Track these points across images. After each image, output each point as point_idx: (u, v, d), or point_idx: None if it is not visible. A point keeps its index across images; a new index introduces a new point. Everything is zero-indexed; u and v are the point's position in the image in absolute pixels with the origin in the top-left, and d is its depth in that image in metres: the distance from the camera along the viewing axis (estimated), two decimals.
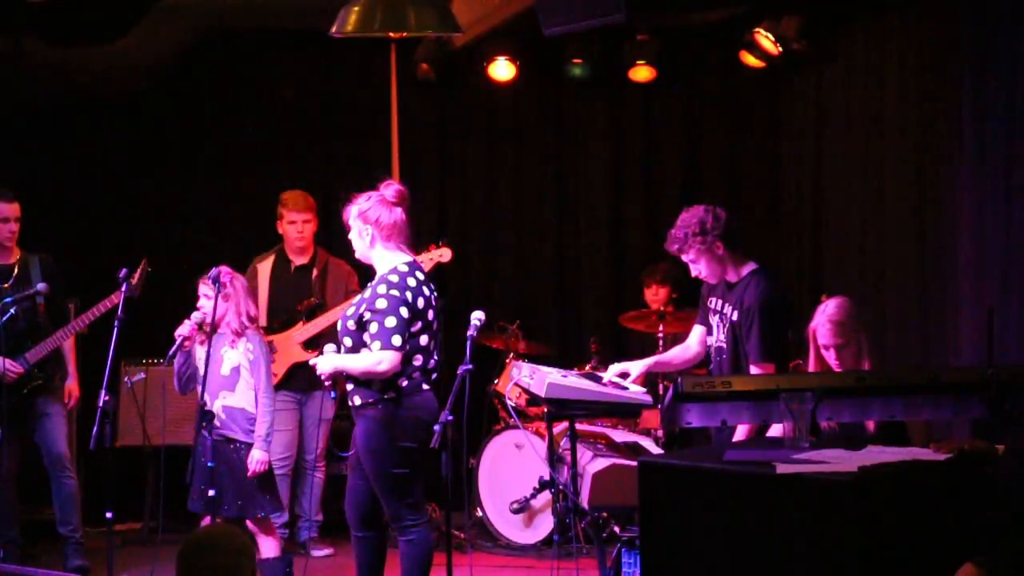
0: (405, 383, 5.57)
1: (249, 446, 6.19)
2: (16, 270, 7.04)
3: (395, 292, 5.52)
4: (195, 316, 6.25)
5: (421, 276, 5.66)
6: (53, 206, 8.33)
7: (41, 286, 6.85)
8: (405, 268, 5.63)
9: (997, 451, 4.33)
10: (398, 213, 5.69)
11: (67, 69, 8.01)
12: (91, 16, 7.13)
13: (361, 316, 5.55)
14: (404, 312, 5.51)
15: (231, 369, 6.22)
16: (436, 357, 5.71)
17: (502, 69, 8.86)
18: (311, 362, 5.79)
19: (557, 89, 9.10)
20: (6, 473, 6.93)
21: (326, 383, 5.70)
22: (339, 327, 5.71)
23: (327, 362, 5.66)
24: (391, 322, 5.48)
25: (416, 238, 8.44)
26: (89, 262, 7.98)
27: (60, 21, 7.04)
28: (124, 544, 7.73)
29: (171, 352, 6.25)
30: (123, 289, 6.28)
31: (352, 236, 5.73)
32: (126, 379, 7.92)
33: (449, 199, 9.23)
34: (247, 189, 8.95)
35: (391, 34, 6.94)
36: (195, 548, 3.49)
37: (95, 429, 5.94)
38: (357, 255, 5.80)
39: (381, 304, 5.50)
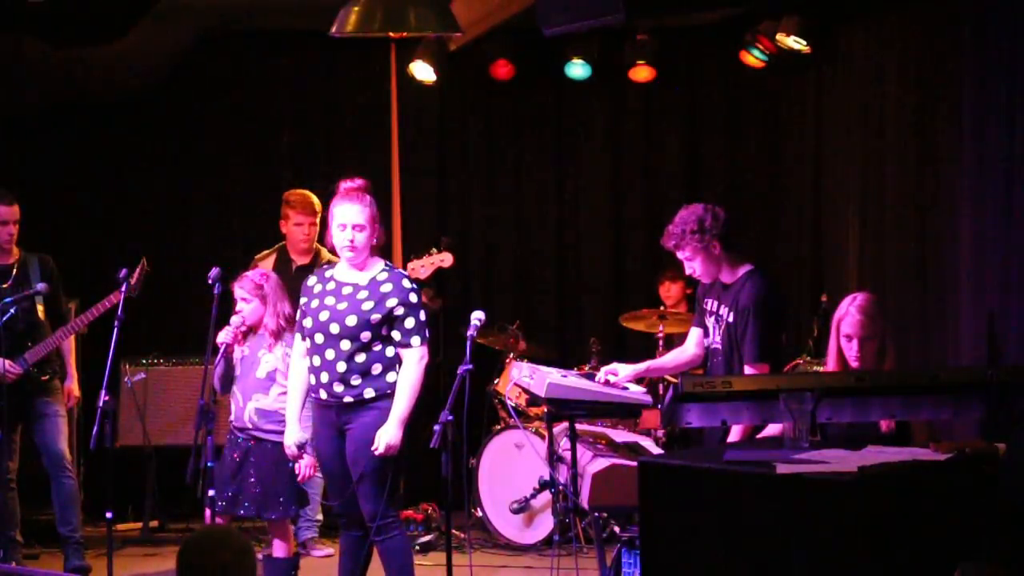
0: None
1: (278, 446, 6.13)
2: (15, 270, 7.04)
3: (416, 287, 5.68)
4: (235, 320, 6.18)
5: None
6: (53, 206, 8.33)
7: (40, 286, 6.84)
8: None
9: (997, 451, 4.33)
10: None
11: (67, 69, 8.01)
12: (91, 16, 7.12)
13: (391, 311, 5.55)
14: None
15: (267, 373, 6.16)
16: None
17: (502, 69, 8.87)
18: (376, 450, 5.56)
19: (557, 89, 9.10)
20: (6, 473, 6.94)
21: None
22: (350, 322, 5.58)
23: (390, 435, 5.54)
24: (423, 315, 5.65)
25: (416, 239, 8.50)
26: (89, 262, 7.98)
27: (60, 21, 7.04)
28: (124, 544, 7.74)
29: (218, 360, 6.18)
30: (123, 289, 6.27)
31: (360, 236, 5.63)
32: (126, 379, 7.93)
33: (449, 199, 9.23)
34: (247, 189, 8.95)
35: (391, 34, 6.94)
36: (196, 546, 3.49)
37: (95, 429, 5.94)
38: (353, 256, 5.68)
39: (414, 298, 5.62)
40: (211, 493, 6.04)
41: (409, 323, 5.58)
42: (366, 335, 5.58)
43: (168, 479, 7.67)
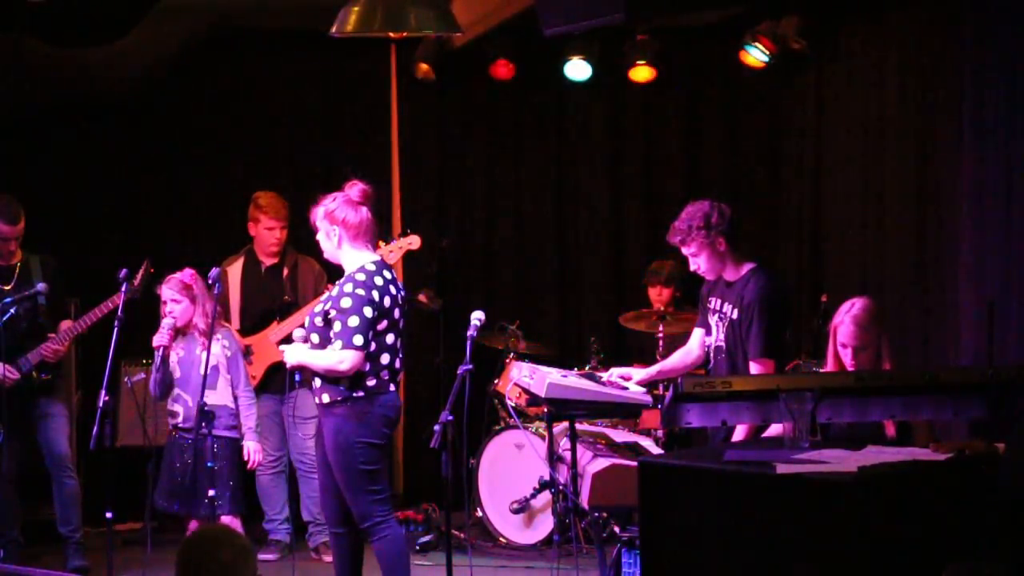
0: (373, 382, 5.60)
1: (230, 441, 6.25)
2: (17, 271, 7.05)
3: (360, 291, 5.56)
4: (167, 323, 6.32)
5: (389, 275, 5.71)
6: (53, 206, 8.32)
7: (41, 286, 6.85)
8: (372, 267, 5.67)
9: (997, 451, 4.34)
10: (364, 212, 5.72)
11: (67, 69, 8.01)
12: (91, 16, 7.12)
13: (327, 313, 5.59)
14: (368, 312, 5.54)
15: (210, 368, 6.26)
16: (401, 356, 5.74)
17: (502, 69, 8.87)
18: (280, 348, 5.80)
19: (557, 89, 9.10)
20: (7, 473, 6.94)
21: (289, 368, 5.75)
22: (307, 323, 5.73)
23: (293, 353, 5.69)
24: (354, 321, 5.52)
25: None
26: (89, 262, 7.98)
27: (60, 21, 7.04)
28: (124, 544, 7.74)
29: (156, 363, 6.31)
30: (123, 290, 6.29)
31: (320, 237, 5.78)
32: (126, 379, 7.93)
33: (449, 199, 9.23)
34: (247, 189, 8.93)
35: (391, 34, 6.94)
36: (196, 546, 3.49)
37: (95, 429, 5.95)
38: (325, 255, 5.84)
39: (346, 303, 5.54)
40: (212, 493, 6.07)
41: (336, 327, 5.55)
42: (315, 337, 5.66)
43: None
